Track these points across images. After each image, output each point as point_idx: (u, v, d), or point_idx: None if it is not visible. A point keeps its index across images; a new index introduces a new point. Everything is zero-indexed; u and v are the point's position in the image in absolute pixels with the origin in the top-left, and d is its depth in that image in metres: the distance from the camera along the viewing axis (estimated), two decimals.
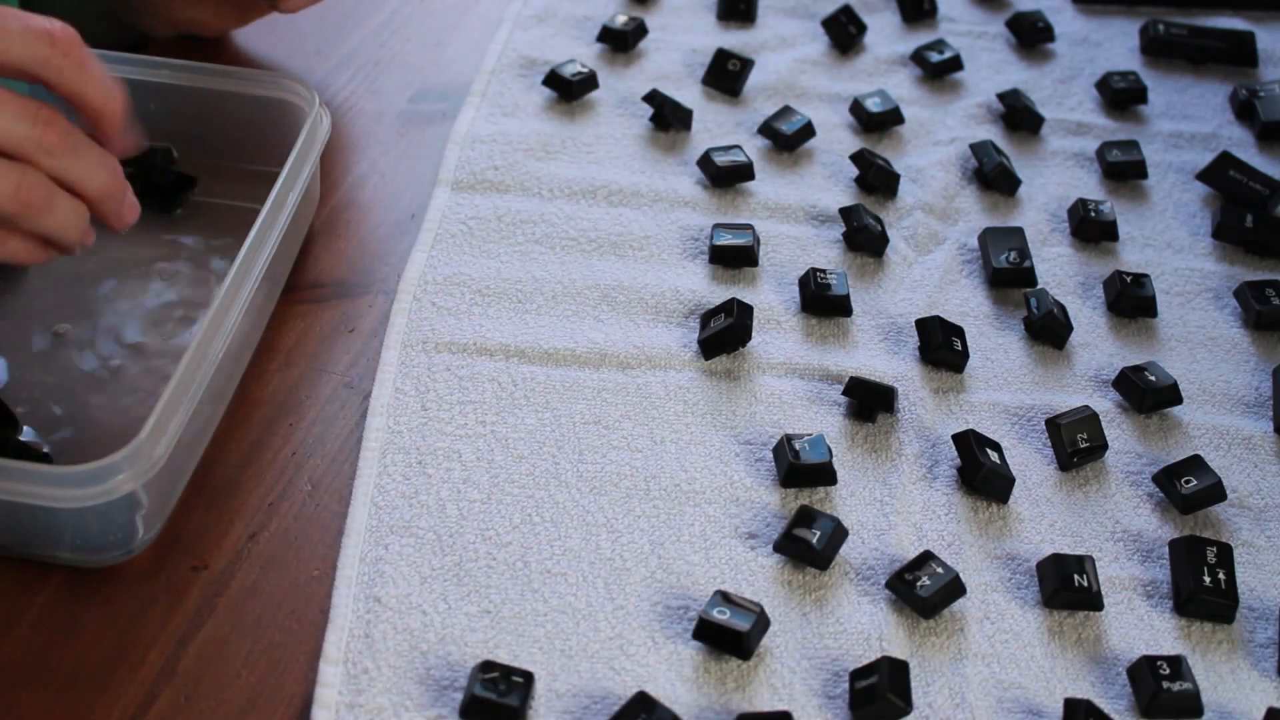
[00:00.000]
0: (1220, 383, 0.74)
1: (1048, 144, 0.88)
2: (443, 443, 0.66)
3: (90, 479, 0.55)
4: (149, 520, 0.60)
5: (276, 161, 0.70)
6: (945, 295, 0.77)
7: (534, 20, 0.93)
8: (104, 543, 0.60)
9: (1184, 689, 0.58)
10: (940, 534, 0.65)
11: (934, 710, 0.58)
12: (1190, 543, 0.64)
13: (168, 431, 0.58)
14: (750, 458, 0.67)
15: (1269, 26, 0.98)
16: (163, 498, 0.61)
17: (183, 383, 0.59)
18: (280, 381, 0.69)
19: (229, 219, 0.75)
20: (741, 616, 0.58)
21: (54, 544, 0.60)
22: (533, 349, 0.71)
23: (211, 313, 0.62)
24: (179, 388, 0.59)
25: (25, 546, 0.60)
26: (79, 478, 0.55)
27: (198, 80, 0.75)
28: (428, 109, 0.86)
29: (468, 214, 0.78)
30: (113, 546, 0.60)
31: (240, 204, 0.76)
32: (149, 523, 0.60)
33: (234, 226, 0.71)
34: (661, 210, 0.80)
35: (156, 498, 0.60)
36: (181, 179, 0.77)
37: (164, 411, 0.58)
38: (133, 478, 0.56)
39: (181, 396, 0.59)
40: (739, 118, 0.87)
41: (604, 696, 0.57)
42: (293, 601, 0.60)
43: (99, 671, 0.57)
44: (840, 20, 0.93)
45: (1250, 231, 0.81)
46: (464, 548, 0.62)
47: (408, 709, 0.56)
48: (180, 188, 0.77)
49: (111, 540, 0.60)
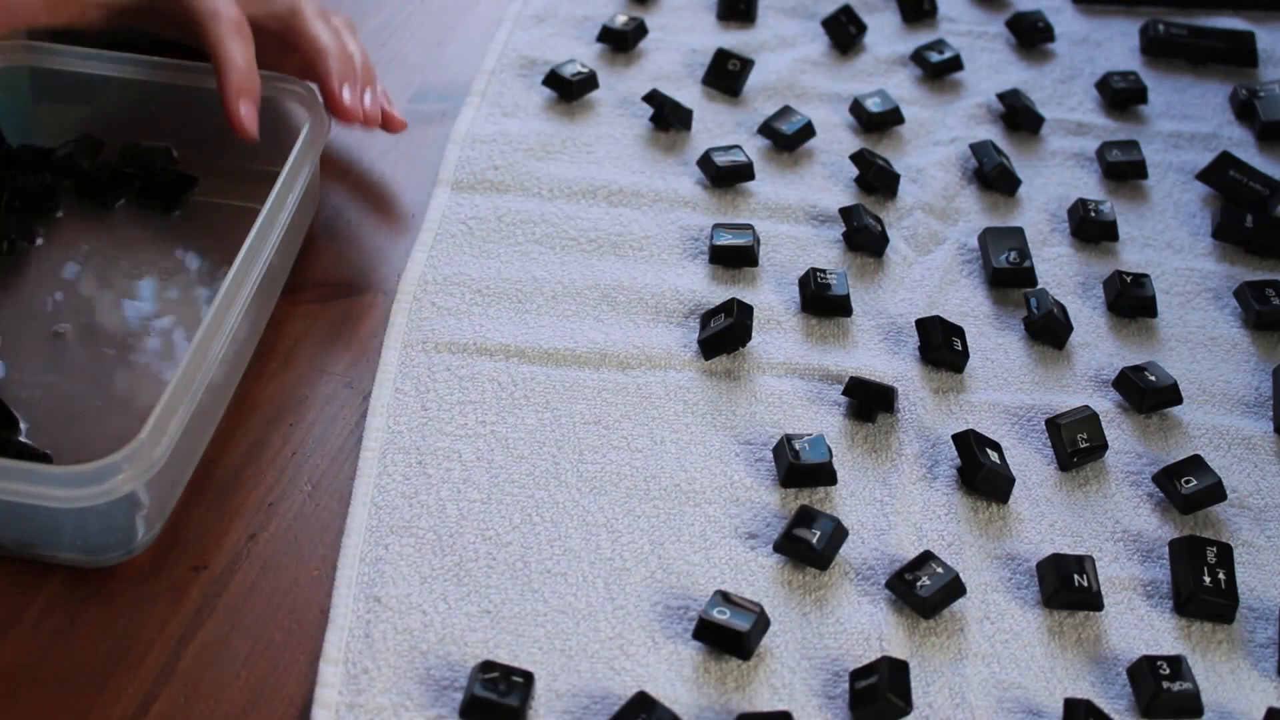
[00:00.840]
0: (1220, 383, 0.74)
1: (1048, 144, 0.88)
2: (443, 443, 0.66)
3: (91, 479, 0.55)
4: (149, 520, 0.60)
5: (277, 161, 0.70)
6: (945, 295, 0.77)
7: (534, 20, 0.93)
8: (105, 543, 0.60)
9: (1184, 689, 0.58)
10: (940, 534, 0.65)
11: (934, 710, 0.58)
12: (1190, 543, 0.64)
13: (167, 431, 0.58)
14: (750, 458, 0.67)
15: (1269, 26, 0.98)
16: (163, 498, 0.61)
17: (182, 383, 0.59)
18: (280, 381, 0.69)
19: (229, 219, 0.75)
20: (741, 616, 0.58)
21: (55, 544, 0.60)
22: (533, 349, 0.71)
23: (211, 313, 0.62)
24: (179, 388, 0.59)
25: (26, 547, 0.60)
26: (80, 477, 0.55)
27: (198, 80, 0.75)
28: (428, 109, 0.86)
29: (468, 214, 0.78)
30: (113, 546, 0.60)
31: (241, 204, 0.76)
32: (149, 522, 0.60)
33: (234, 226, 0.71)
34: (661, 210, 0.80)
35: (157, 497, 0.60)
36: (182, 179, 0.77)
37: (164, 411, 0.58)
38: (133, 477, 0.56)
39: (181, 396, 0.59)
40: (739, 118, 0.87)
41: (604, 696, 0.57)
42: (293, 601, 0.60)
43: (99, 671, 0.57)
44: (840, 20, 0.94)
45: (1250, 231, 0.81)
46: (464, 548, 0.62)
47: (408, 709, 0.56)
48: (181, 188, 0.77)
49: (112, 540, 0.60)
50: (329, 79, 0.75)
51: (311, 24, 0.76)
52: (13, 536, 0.60)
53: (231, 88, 0.71)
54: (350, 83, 0.75)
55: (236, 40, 0.72)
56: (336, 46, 0.76)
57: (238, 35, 0.72)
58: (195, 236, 0.75)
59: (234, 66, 0.71)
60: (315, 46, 0.75)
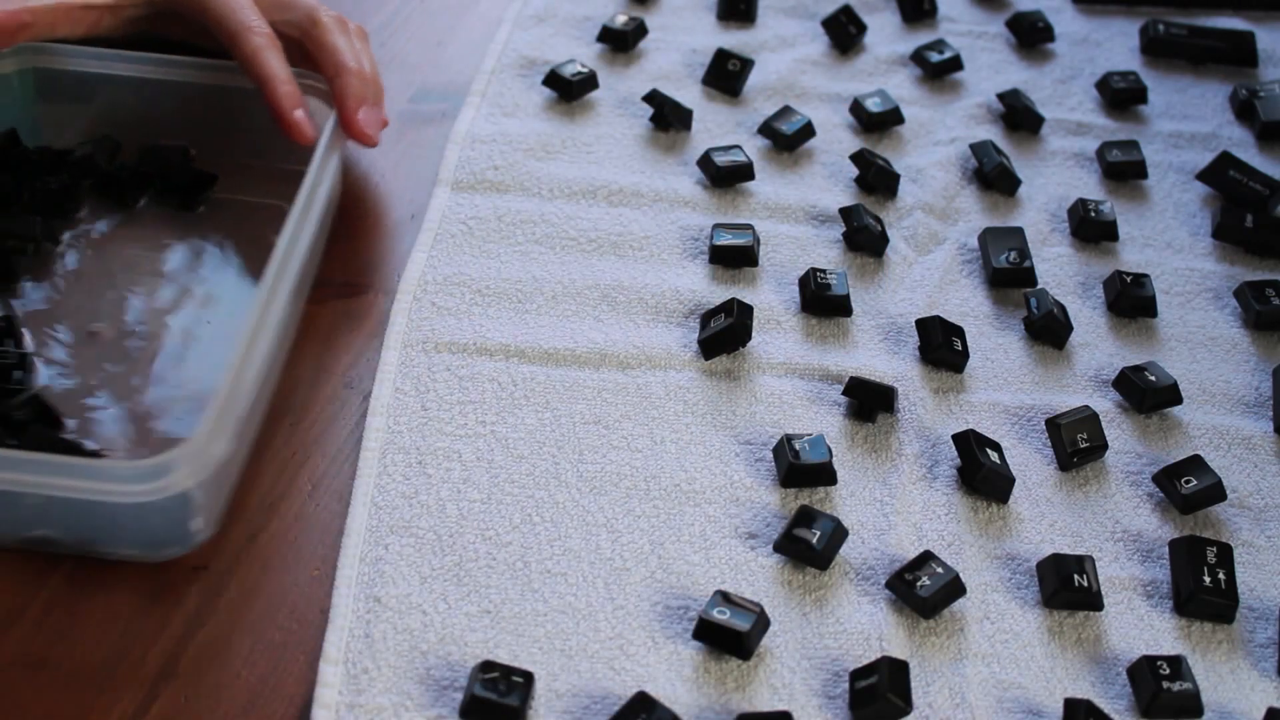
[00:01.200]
0: (1220, 383, 0.74)
1: (1048, 144, 0.88)
2: (443, 443, 0.66)
3: (150, 474, 0.56)
4: (207, 515, 0.61)
5: (291, 157, 0.70)
6: (945, 295, 0.77)
7: (534, 20, 0.93)
8: (163, 538, 0.60)
9: (1184, 689, 0.58)
10: (940, 534, 0.65)
11: (934, 710, 0.58)
12: (1190, 543, 0.64)
13: (227, 425, 0.58)
14: (750, 458, 0.67)
15: (1269, 26, 0.98)
16: (219, 492, 0.62)
17: (236, 377, 0.59)
18: (280, 381, 0.69)
19: (252, 215, 0.76)
20: (741, 616, 0.58)
21: (114, 540, 0.60)
22: (533, 349, 0.71)
23: (258, 304, 0.62)
24: (233, 382, 0.59)
25: (86, 544, 0.60)
26: (140, 472, 0.56)
27: (214, 78, 0.76)
28: (428, 109, 0.86)
29: (468, 214, 0.78)
30: (172, 542, 0.60)
31: (261, 200, 0.76)
32: (207, 517, 0.61)
33: (258, 222, 0.71)
34: (661, 210, 0.80)
35: (214, 492, 0.61)
36: (202, 177, 0.77)
37: (222, 406, 0.58)
38: (191, 474, 0.56)
39: (236, 390, 0.59)
40: (739, 118, 0.87)
41: (604, 696, 0.57)
42: (293, 601, 0.60)
43: (99, 671, 0.57)
44: (840, 20, 0.94)
45: (1250, 231, 0.81)
46: (464, 548, 0.62)
47: (408, 709, 0.56)
48: (201, 186, 0.77)
49: (172, 534, 0.60)
50: (347, 99, 0.75)
51: (333, 37, 0.76)
52: (73, 534, 0.60)
53: (284, 101, 0.73)
54: (368, 106, 0.75)
55: (272, 53, 0.73)
56: (357, 65, 0.76)
57: (272, 48, 0.74)
58: (219, 233, 0.76)
59: (278, 79, 0.73)
60: (336, 61, 0.76)
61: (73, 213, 0.75)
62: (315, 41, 0.76)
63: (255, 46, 0.73)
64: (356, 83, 0.75)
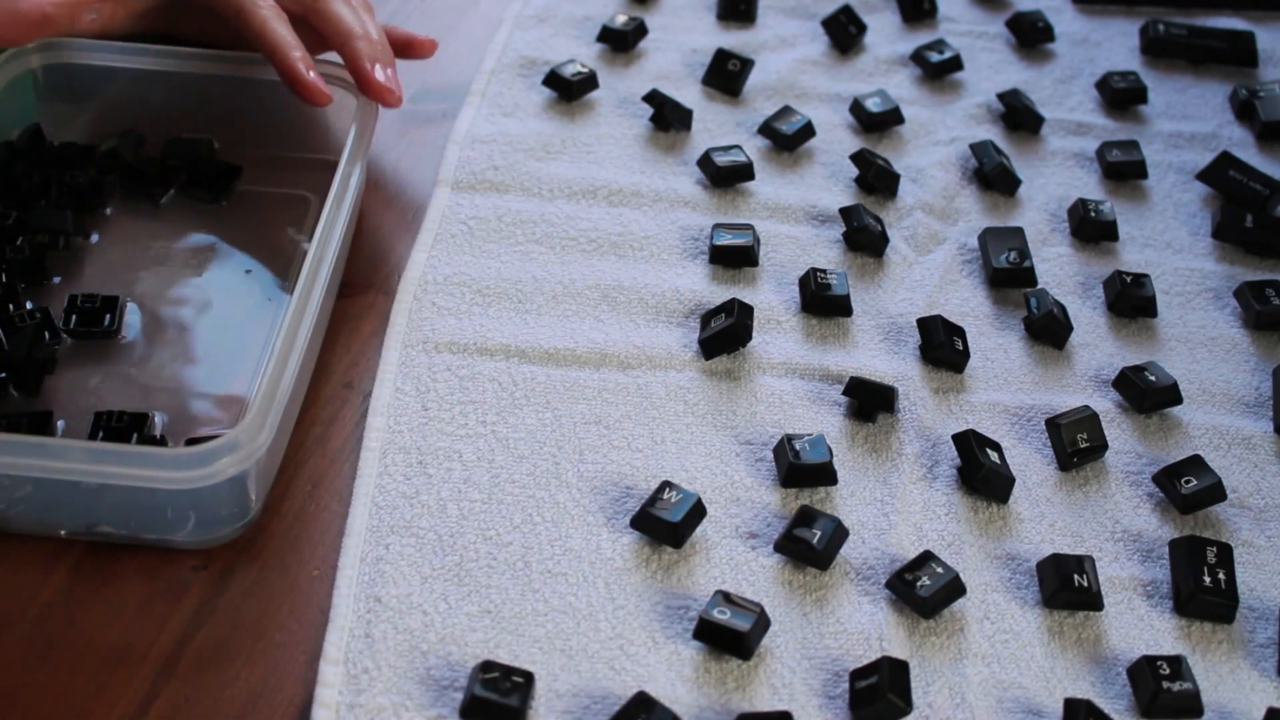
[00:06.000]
0: (1220, 383, 0.74)
1: (1048, 144, 0.88)
2: (443, 443, 0.66)
3: (199, 461, 0.56)
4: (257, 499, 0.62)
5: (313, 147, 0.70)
6: (945, 295, 0.77)
7: (534, 20, 0.93)
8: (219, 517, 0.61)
9: (1184, 689, 0.58)
10: (940, 534, 0.65)
11: (934, 710, 0.58)
12: (1190, 543, 0.64)
13: (270, 411, 0.58)
14: (750, 458, 0.67)
15: (1269, 26, 0.98)
16: (265, 479, 0.63)
17: (278, 363, 0.60)
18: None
19: (278, 205, 0.76)
20: (741, 616, 0.58)
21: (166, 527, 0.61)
22: (533, 349, 0.71)
23: (298, 291, 0.62)
24: (275, 368, 0.60)
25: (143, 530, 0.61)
26: (189, 459, 0.56)
27: (235, 70, 0.76)
28: (428, 109, 0.86)
29: (468, 214, 0.78)
30: (227, 521, 0.61)
31: (287, 190, 0.77)
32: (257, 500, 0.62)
33: (285, 212, 0.71)
34: (661, 210, 0.80)
35: (261, 479, 0.62)
36: (227, 169, 0.78)
37: (264, 393, 0.59)
38: (240, 459, 0.57)
39: (279, 377, 0.60)
40: (739, 118, 0.87)
41: (604, 696, 0.57)
42: (293, 601, 0.60)
43: (99, 670, 0.57)
44: (840, 20, 0.94)
45: (1250, 231, 0.81)
46: (464, 548, 0.62)
47: (408, 709, 0.56)
48: (227, 178, 0.77)
49: (225, 515, 0.61)
50: (359, 60, 0.75)
51: (336, 7, 0.77)
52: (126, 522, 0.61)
53: (296, 65, 0.73)
54: (381, 62, 0.75)
55: (280, 23, 0.74)
56: (363, 30, 0.76)
57: (278, 18, 0.74)
58: (247, 224, 0.76)
59: (288, 45, 0.73)
60: (341, 29, 0.76)
61: (100, 207, 0.75)
62: (319, 15, 0.76)
63: (263, 18, 0.74)
64: (365, 45, 0.75)
